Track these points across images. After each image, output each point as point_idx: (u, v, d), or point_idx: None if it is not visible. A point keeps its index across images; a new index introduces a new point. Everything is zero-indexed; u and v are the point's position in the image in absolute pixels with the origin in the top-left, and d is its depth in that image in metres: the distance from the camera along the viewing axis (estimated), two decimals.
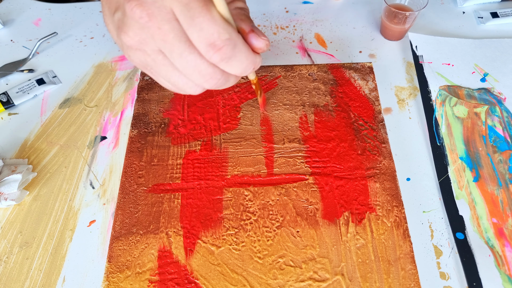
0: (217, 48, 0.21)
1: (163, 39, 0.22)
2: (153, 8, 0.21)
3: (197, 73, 0.23)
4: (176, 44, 0.22)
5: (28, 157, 0.47)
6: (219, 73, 0.24)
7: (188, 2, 0.21)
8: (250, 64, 0.24)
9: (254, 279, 0.38)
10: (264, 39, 0.25)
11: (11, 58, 0.56)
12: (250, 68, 0.24)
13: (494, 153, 0.45)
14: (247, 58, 0.23)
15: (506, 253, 0.39)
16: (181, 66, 0.23)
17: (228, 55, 0.22)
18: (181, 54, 0.22)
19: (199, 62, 0.23)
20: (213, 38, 0.21)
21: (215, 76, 0.24)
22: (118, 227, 0.41)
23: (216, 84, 0.24)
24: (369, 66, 0.53)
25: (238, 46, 0.22)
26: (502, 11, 0.59)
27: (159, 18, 0.21)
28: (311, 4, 0.63)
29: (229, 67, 0.23)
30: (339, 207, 0.42)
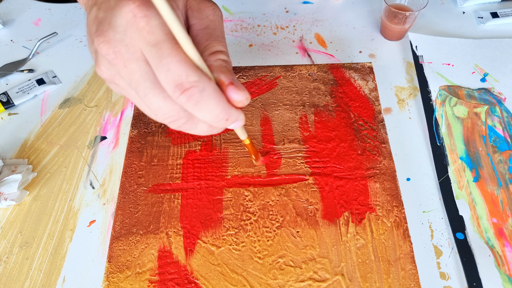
0: (183, 89, 0.21)
1: (129, 77, 0.22)
2: (120, 46, 0.21)
3: (161, 114, 0.23)
4: (142, 83, 0.22)
5: (28, 157, 0.47)
6: (184, 117, 0.23)
7: (156, 43, 0.20)
8: (222, 113, 0.23)
9: (254, 279, 0.38)
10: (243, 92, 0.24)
11: (11, 58, 0.56)
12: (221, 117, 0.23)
13: (494, 153, 0.45)
14: (218, 106, 0.22)
15: (506, 253, 0.39)
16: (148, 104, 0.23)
17: (195, 98, 0.21)
18: (147, 95, 0.22)
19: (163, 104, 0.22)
20: (181, 79, 0.20)
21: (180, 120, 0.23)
22: (118, 227, 0.41)
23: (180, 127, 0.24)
24: (369, 66, 0.53)
25: (207, 90, 0.21)
26: (502, 11, 0.59)
27: (126, 57, 0.21)
28: (311, 4, 0.63)
29: (197, 111, 0.22)
30: (339, 207, 0.42)
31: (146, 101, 0.22)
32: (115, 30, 0.21)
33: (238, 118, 0.25)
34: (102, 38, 0.21)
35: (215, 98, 0.22)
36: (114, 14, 0.20)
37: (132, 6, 0.20)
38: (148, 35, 0.20)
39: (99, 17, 0.22)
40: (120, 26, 0.20)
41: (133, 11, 0.20)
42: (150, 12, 0.20)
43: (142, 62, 0.21)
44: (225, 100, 0.23)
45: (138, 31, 0.20)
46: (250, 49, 0.57)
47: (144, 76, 0.21)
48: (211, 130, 0.25)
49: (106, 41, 0.21)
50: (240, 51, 0.57)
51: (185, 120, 0.23)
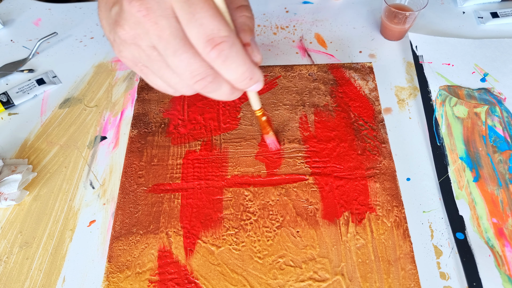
0: (215, 43, 0.21)
1: (158, 34, 0.22)
2: (152, 2, 0.21)
3: (188, 72, 0.23)
4: (172, 41, 0.22)
5: (28, 157, 0.47)
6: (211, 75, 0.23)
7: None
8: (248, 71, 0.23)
9: (254, 279, 0.38)
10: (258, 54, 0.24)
11: (11, 58, 0.56)
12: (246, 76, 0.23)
13: (494, 153, 0.45)
14: (245, 63, 0.23)
15: (506, 253, 0.39)
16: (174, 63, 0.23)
17: (225, 53, 0.22)
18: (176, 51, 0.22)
19: (193, 60, 0.22)
20: (213, 33, 0.21)
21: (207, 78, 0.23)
22: (118, 227, 0.41)
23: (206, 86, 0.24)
24: (369, 66, 0.53)
25: (236, 46, 0.22)
26: (502, 11, 0.59)
27: (157, 13, 0.21)
28: (311, 4, 0.63)
29: (224, 68, 0.22)
30: (339, 207, 0.42)
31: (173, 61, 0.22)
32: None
33: (260, 79, 0.25)
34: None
35: (242, 55, 0.22)
36: None
37: None
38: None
39: None
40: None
41: None
42: None
43: (172, 19, 0.21)
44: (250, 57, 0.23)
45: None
46: None
47: (175, 32, 0.21)
48: (232, 92, 0.25)
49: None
50: None
51: (212, 78, 0.23)
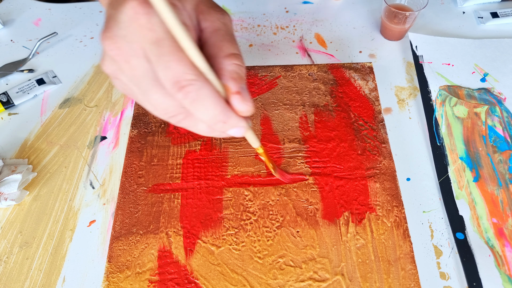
0: (180, 86, 0.21)
1: (131, 73, 0.22)
2: (122, 42, 0.21)
3: (161, 109, 0.23)
4: (143, 80, 0.22)
5: (28, 157, 0.47)
6: (182, 113, 0.23)
7: (157, 40, 0.20)
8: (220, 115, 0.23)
9: (254, 279, 0.38)
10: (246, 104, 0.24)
11: (11, 58, 0.56)
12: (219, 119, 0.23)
13: (494, 153, 0.45)
14: (215, 107, 0.22)
15: (506, 253, 0.39)
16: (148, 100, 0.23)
17: (192, 95, 0.22)
18: (148, 90, 0.23)
19: (162, 100, 0.23)
20: (178, 76, 0.21)
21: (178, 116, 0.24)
22: (118, 227, 0.41)
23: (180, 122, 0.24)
24: (369, 66, 0.53)
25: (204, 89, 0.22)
26: (502, 11, 0.59)
27: (128, 53, 0.21)
28: (311, 4, 0.63)
29: (194, 109, 0.22)
30: (339, 207, 0.42)
31: (146, 97, 0.23)
32: (118, 26, 0.21)
33: (238, 125, 0.24)
34: (107, 34, 0.22)
35: (212, 98, 0.22)
36: (119, 10, 0.21)
37: (134, 3, 0.20)
38: (148, 32, 0.20)
39: (108, 13, 0.22)
40: (124, 23, 0.21)
41: (135, 8, 0.20)
42: (152, 10, 0.20)
43: (143, 58, 0.21)
44: (224, 103, 0.23)
45: (139, 28, 0.20)
46: (250, 49, 0.57)
47: (145, 72, 0.22)
48: (211, 131, 0.25)
49: (109, 37, 0.21)
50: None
51: (184, 116, 0.24)
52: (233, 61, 0.24)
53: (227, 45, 0.24)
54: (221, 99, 0.23)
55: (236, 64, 0.24)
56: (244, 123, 0.25)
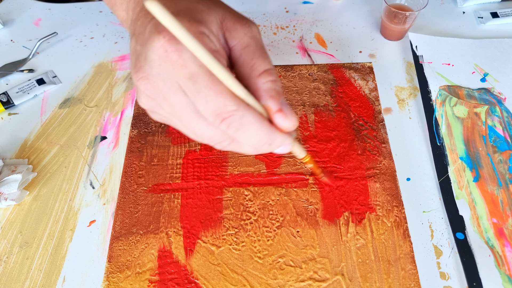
0: (222, 118, 0.21)
1: (171, 108, 0.22)
2: (157, 81, 0.21)
3: (206, 138, 0.24)
4: (184, 113, 0.22)
5: (28, 157, 0.47)
6: (227, 139, 0.24)
7: (191, 76, 0.20)
8: (264, 138, 0.23)
9: (254, 279, 0.38)
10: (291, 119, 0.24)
11: (11, 58, 0.56)
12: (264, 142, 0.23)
13: (494, 153, 0.45)
14: (259, 132, 0.22)
15: (506, 253, 0.39)
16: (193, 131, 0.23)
17: (235, 125, 0.22)
18: (190, 122, 0.23)
19: (206, 129, 0.23)
20: (219, 109, 0.21)
21: (223, 143, 0.24)
22: (118, 227, 0.41)
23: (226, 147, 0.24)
24: (369, 66, 0.53)
25: (246, 117, 0.22)
26: (502, 11, 0.59)
27: (164, 90, 0.21)
28: (311, 4, 0.63)
29: (239, 136, 0.23)
30: (339, 207, 0.42)
31: (190, 129, 0.23)
32: (151, 65, 0.21)
33: (283, 143, 0.24)
34: (141, 74, 0.22)
35: (255, 124, 0.22)
36: (148, 48, 0.21)
37: (162, 41, 0.20)
38: (182, 69, 0.20)
39: (137, 50, 0.22)
40: (155, 61, 0.21)
41: (164, 46, 0.20)
42: (182, 46, 0.20)
43: (180, 93, 0.21)
44: (268, 125, 0.23)
45: (171, 65, 0.20)
46: None
47: (185, 106, 0.22)
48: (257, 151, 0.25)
49: (144, 77, 0.22)
50: None
51: (229, 142, 0.24)
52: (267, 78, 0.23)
53: (259, 61, 0.23)
54: (264, 122, 0.23)
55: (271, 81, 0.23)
56: (290, 140, 0.25)
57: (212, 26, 0.23)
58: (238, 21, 0.24)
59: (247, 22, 0.24)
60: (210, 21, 0.23)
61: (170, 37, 0.20)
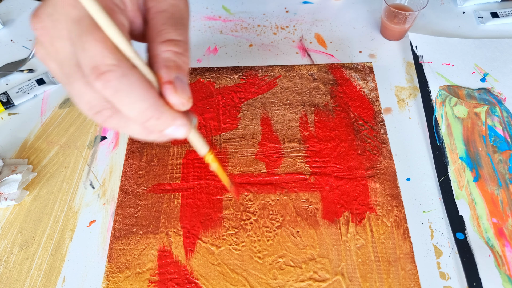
0: (99, 73, 0.18)
1: (55, 57, 0.20)
2: (48, 21, 0.19)
3: (83, 102, 0.20)
4: (66, 65, 0.19)
5: (28, 157, 0.47)
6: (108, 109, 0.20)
7: (79, 19, 0.18)
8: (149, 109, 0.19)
9: (254, 279, 0.38)
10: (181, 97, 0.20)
11: (11, 58, 0.56)
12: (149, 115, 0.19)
13: (494, 153, 0.45)
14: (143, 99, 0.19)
15: (506, 253, 0.39)
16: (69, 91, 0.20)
17: (113, 85, 0.18)
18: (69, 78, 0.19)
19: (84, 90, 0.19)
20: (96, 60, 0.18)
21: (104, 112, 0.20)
22: (118, 227, 0.41)
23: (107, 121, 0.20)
24: (369, 66, 0.53)
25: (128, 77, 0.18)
26: (502, 11, 0.59)
27: (52, 33, 0.19)
28: (311, 4, 0.63)
29: (118, 102, 0.19)
30: (339, 207, 0.42)
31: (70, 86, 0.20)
32: (46, 4, 0.19)
33: (174, 122, 0.20)
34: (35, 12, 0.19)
35: (139, 88, 0.18)
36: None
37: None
38: (72, 10, 0.18)
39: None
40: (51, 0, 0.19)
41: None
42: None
43: (67, 41, 0.19)
44: (154, 94, 0.19)
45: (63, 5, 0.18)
46: (250, 49, 0.57)
47: (68, 56, 0.19)
48: (146, 133, 0.21)
49: (36, 15, 0.19)
50: (240, 51, 0.57)
51: (110, 112, 0.20)
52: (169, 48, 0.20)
53: (169, 29, 0.21)
54: (151, 90, 0.19)
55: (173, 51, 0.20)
56: (183, 120, 0.21)
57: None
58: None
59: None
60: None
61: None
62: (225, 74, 0.52)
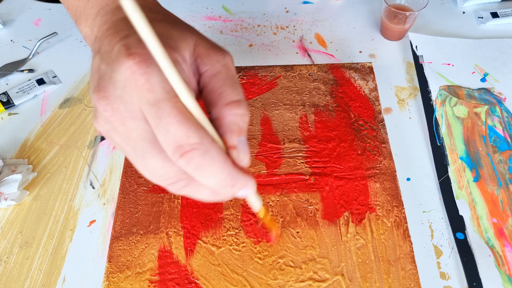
0: (183, 151, 0.19)
1: (127, 135, 0.21)
2: (119, 103, 0.20)
3: (159, 176, 0.21)
4: (140, 143, 0.20)
5: (28, 157, 0.47)
6: (184, 180, 0.21)
7: (156, 102, 0.19)
8: (227, 178, 0.20)
9: (254, 280, 0.38)
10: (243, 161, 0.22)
11: (11, 58, 0.56)
12: (226, 183, 0.21)
13: (494, 153, 0.45)
14: (222, 171, 0.20)
15: (506, 253, 0.39)
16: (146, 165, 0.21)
17: (196, 162, 0.19)
18: (144, 154, 0.21)
19: (162, 165, 0.20)
20: (181, 140, 0.19)
21: (179, 183, 0.21)
22: (118, 227, 0.41)
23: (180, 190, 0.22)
24: (369, 66, 0.53)
25: (210, 153, 0.19)
26: (502, 11, 0.59)
27: (124, 115, 0.20)
28: (311, 4, 0.63)
29: (198, 175, 0.20)
30: (339, 207, 0.42)
31: (143, 161, 0.21)
32: (115, 86, 0.20)
33: (246, 185, 0.22)
34: (102, 93, 0.20)
35: (219, 162, 0.20)
36: (114, 68, 0.19)
37: (131, 63, 0.19)
38: (147, 94, 0.19)
39: (101, 69, 0.21)
40: (120, 82, 0.19)
41: (132, 68, 0.19)
42: (151, 69, 0.19)
43: (141, 120, 0.20)
44: (231, 164, 0.21)
45: (137, 89, 0.19)
46: (250, 49, 0.57)
47: (143, 135, 0.20)
48: (215, 196, 0.23)
49: (105, 97, 0.20)
50: (240, 51, 0.57)
51: (185, 183, 0.21)
52: (233, 111, 0.21)
53: (228, 90, 0.22)
54: (228, 161, 0.20)
55: (236, 114, 0.21)
56: (253, 182, 0.23)
57: (185, 53, 0.21)
58: (212, 48, 0.23)
59: (220, 50, 0.23)
60: (183, 48, 0.21)
61: (140, 59, 0.19)
62: None
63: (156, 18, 0.23)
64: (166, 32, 0.22)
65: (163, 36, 0.21)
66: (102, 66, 0.21)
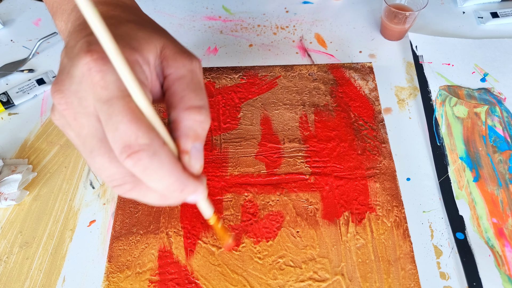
0: (131, 151, 0.18)
1: (78, 131, 0.20)
2: (73, 97, 0.20)
3: (105, 176, 0.21)
4: (89, 140, 0.20)
5: (28, 157, 0.47)
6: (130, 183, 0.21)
7: (109, 99, 0.18)
8: (176, 183, 0.20)
9: (254, 280, 0.38)
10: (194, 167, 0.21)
11: (11, 58, 0.56)
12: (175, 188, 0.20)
13: (494, 153, 0.45)
14: (171, 175, 0.20)
15: (506, 253, 0.39)
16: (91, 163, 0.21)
17: (143, 163, 0.19)
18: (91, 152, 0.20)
19: (108, 165, 0.20)
20: (129, 140, 0.18)
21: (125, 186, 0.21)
22: (118, 227, 0.41)
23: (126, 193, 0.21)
24: (369, 66, 0.53)
25: (158, 155, 0.19)
26: (502, 11, 0.59)
27: (77, 110, 0.20)
28: (311, 4, 0.63)
29: (146, 178, 0.19)
30: (339, 207, 0.42)
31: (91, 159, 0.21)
32: (71, 80, 0.20)
33: (196, 191, 0.21)
34: (58, 87, 0.20)
35: (168, 165, 0.19)
36: (73, 63, 0.19)
37: (88, 59, 0.19)
38: (101, 91, 0.19)
39: (63, 63, 0.21)
40: (77, 77, 0.19)
41: (89, 64, 0.19)
42: (107, 67, 0.19)
43: (92, 117, 0.20)
44: (181, 168, 0.20)
45: (92, 85, 0.19)
46: (250, 49, 0.57)
47: (93, 132, 0.20)
48: (164, 200, 0.22)
49: (60, 90, 0.20)
50: (240, 51, 0.57)
51: (132, 186, 0.21)
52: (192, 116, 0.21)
53: (190, 95, 0.21)
54: (178, 165, 0.20)
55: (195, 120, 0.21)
56: (203, 188, 0.22)
57: (148, 55, 0.21)
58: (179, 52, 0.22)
59: (189, 55, 0.23)
60: (148, 49, 0.21)
61: (98, 56, 0.19)
62: (225, 74, 0.53)
63: (126, 18, 0.23)
64: (131, 32, 0.21)
65: (127, 36, 0.21)
66: (65, 60, 0.21)
